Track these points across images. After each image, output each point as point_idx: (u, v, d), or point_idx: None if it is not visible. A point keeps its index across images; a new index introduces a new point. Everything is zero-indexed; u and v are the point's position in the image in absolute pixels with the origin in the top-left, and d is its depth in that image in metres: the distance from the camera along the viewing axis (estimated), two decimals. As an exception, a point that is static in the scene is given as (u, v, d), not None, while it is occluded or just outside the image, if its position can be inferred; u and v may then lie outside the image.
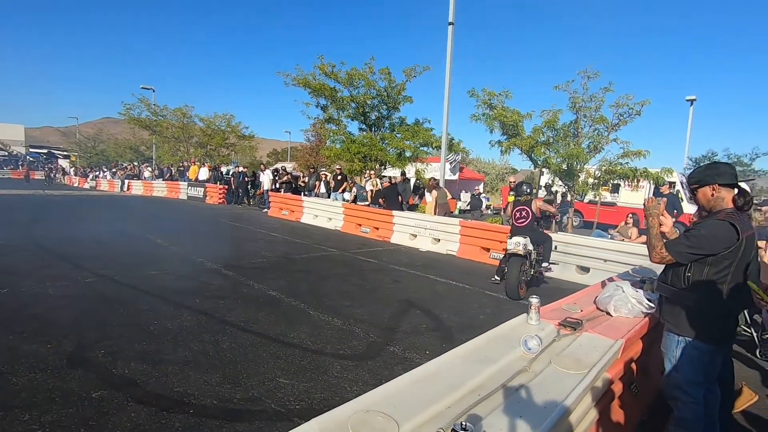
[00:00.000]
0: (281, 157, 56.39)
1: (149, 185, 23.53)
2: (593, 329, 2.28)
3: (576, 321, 2.28)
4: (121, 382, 2.79)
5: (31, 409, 2.43)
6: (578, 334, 2.20)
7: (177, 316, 4.09)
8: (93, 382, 2.78)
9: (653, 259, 2.21)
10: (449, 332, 4.23)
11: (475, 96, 9.72)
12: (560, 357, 1.89)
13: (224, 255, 7.24)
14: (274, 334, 3.82)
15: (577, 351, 1.99)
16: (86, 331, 3.59)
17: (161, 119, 25.35)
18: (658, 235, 2.24)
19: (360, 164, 13.14)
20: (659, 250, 2.17)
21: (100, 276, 5.33)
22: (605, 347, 2.05)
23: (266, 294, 5.09)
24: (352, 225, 11.37)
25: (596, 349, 2.03)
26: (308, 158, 40.44)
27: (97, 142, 43.43)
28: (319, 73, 12.94)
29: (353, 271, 6.85)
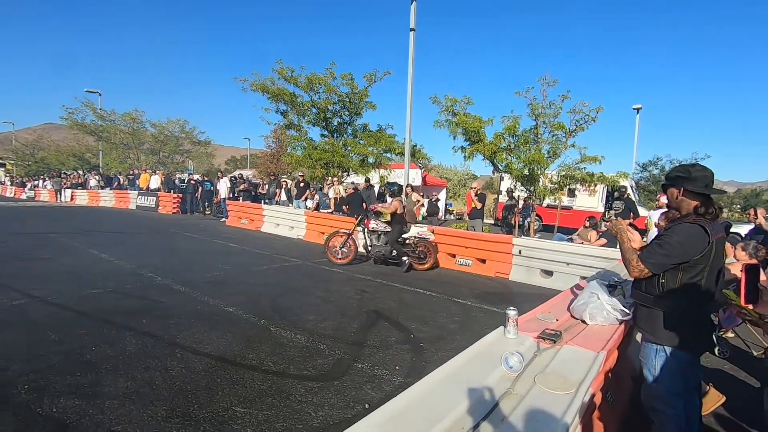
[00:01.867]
0: (240, 165, 54.81)
1: (95, 195, 22.04)
2: (573, 341, 2.18)
3: (555, 333, 2.16)
4: (47, 423, 2.40)
5: (-73, 466, 2.01)
6: (558, 346, 2.09)
7: (119, 340, 3.67)
8: (11, 425, 2.37)
9: (632, 274, 2.16)
10: (418, 344, 4.06)
11: (437, 102, 9.73)
12: (545, 375, 1.75)
13: (177, 269, 6.75)
14: (231, 355, 3.49)
15: (560, 367, 1.86)
16: (8, 363, 3.12)
17: (108, 124, 23.88)
18: (630, 249, 2.19)
19: (322, 171, 12.84)
20: (636, 263, 2.12)
21: (30, 297, 4.75)
22: (588, 360, 1.94)
23: (222, 310, 4.72)
24: (315, 233, 11.04)
25: (579, 363, 1.91)
26: (268, 165, 39.46)
27: (36, 150, 40.35)
28: (278, 77, 12.57)
29: (317, 282, 6.56)
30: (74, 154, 32.56)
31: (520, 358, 1.79)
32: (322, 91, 12.64)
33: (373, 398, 2.95)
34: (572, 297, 3.04)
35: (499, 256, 7.73)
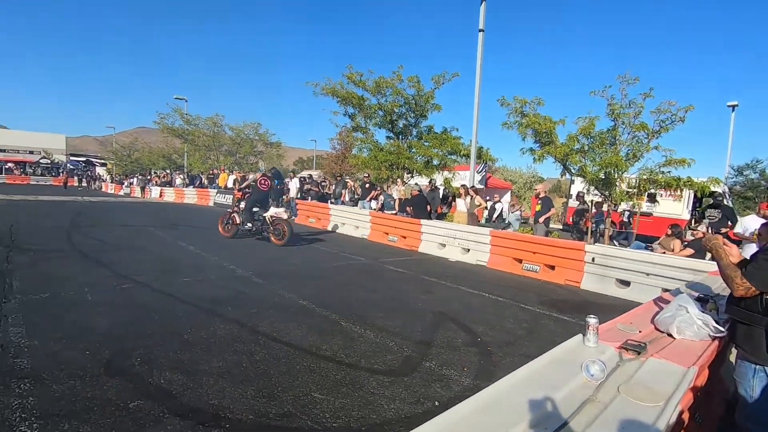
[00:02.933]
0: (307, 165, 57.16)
1: (180, 192, 24.21)
2: (659, 354, 2.09)
3: (639, 344, 2.09)
4: (157, 393, 2.76)
5: (71, 418, 2.41)
6: (643, 358, 2.01)
7: (210, 324, 4.08)
8: (129, 391, 2.76)
9: (737, 293, 2.04)
10: (486, 348, 4.05)
11: (505, 104, 9.51)
12: (629, 386, 1.71)
13: (254, 262, 7.27)
14: (307, 345, 3.74)
15: (646, 378, 1.81)
16: (123, 338, 3.61)
17: (193, 128, 26.12)
18: (730, 265, 2.06)
19: (387, 172, 13.07)
20: (740, 281, 1.99)
21: (137, 283, 5.41)
22: (677, 375, 1.86)
23: (297, 303, 5.04)
24: (379, 233, 11.29)
25: (667, 377, 1.84)
26: (334, 166, 40.84)
27: (132, 151, 45.13)
28: (347, 82, 13.00)
29: (383, 281, 6.74)
30: (163, 155, 35.95)
31: (603, 367, 1.76)
32: (389, 93, 12.87)
33: (443, 397, 3.01)
34: (656, 309, 2.88)
35: (569, 263, 7.41)
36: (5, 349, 3.22)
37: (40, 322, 3.84)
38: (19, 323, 3.75)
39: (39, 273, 5.62)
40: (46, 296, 4.61)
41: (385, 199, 12.41)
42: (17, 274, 5.44)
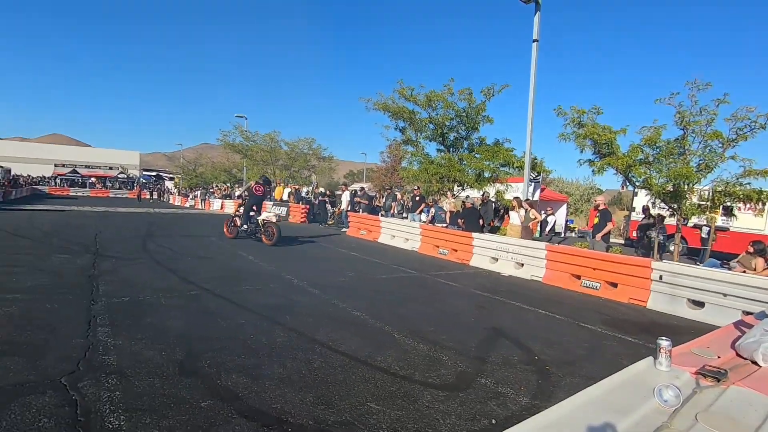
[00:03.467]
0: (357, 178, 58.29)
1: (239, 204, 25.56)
2: (742, 381, 1.93)
3: (719, 370, 1.95)
4: (226, 394, 2.94)
5: (152, 413, 2.64)
6: (723, 386, 1.88)
7: (271, 331, 4.28)
8: (201, 391, 2.96)
9: None
10: (544, 367, 3.91)
11: (562, 114, 9.23)
12: (709, 414, 1.61)
13: (308, 273, 7.53)
14: (362, 356, 3.81)
15: (728, 408, 1.69)
16: (193, 341, 3.88)
17: (252, 144, 27.64)
18: None
19: (438, 185, 13.07)
20: None
21: (203, 289, 5.79)
22: (764, 407, 1.71)
23: (350, 314, 5.15)
24: (429, 246, 11.27)
25: (752, 407, 1.70)
26: (383, 179, 41.41)
27: (196, 166, 48.49)
28: (399, 96, 13.23)
29: (434, 294, 6.73)
30: (224, 169, 38.30)
31: (677, 392, 1.67)
32: (440, 107, 12.94)
33: (499, 415, 2.95)
34: (737, 333, 2.67)
35: (634, 281, 6.98)
36: (95, 347, 3.58)
37: (123, 323, 4.22)
38: (105, 324, 4.15)
39: (120, 278, 6.18)
40: (126, 300, 5.06)
41: (435, 211, 12.39)
42: (102, 279, 6.03)
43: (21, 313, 4.29)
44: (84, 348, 3.52)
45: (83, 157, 61.71)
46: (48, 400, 2.68)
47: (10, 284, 5.36)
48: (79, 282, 5.74)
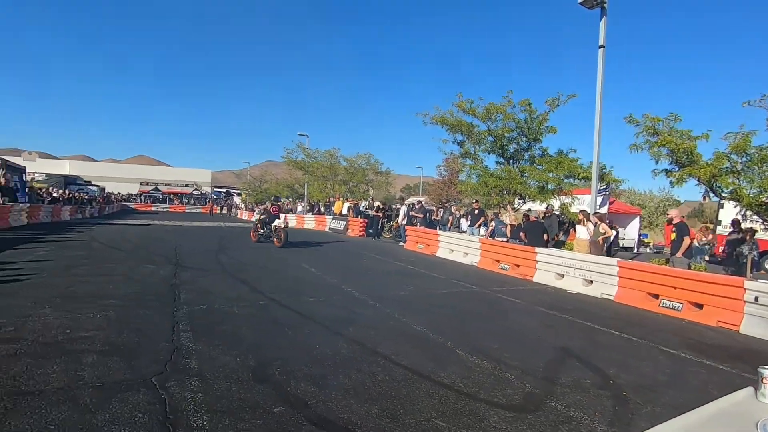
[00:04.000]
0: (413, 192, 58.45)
1: (301, 219, 26.64)
2: None
3: (836, 406, 1.72)
4: (295, 402, 3.07)
5: (230, 415, 2.82)
6: (844, 425, 1.66)
7: (335, 342, 4.40)
8: (273, 397, 3.11)
9: None
10: (620, 392, 3.65)
11: (633, 122, 8.68)
12: (825, 455, 1.43)
13: (369, 286, 7.65)
14: (425, 371, 3.80)
15: None
16: (264, 349, 4.09)
17: (313, 161, 28.81)
18: None
19: (497, 198, 12.77)
20: None
21: (271, 300, 6.10)
22: None
23: (412, 328, 5.15)
24: (489, 261, 11.00)
25: None
26: (440, 192, 41.18)
27: (261, 182, 51.34)
28: (457, 110, 13.20)
29: (497, 310, 6.54)
30: (287, 185, 40.17)
31: (786, 428, 1.50)
32: (500, 119, 12.71)
33: (573, 441, 2.80)
34: None
35: (724, 302, 6.31)
36: (179, 350, 3.89)
37: (201, 329, 4.56)
38: (187, 329, 4.50)
39: (198, 288, 6.68)
40: (204, 307, 5.46)
41: (495, 225, 12.09)
42: (183, 288, 6.55)
43: (118, 317, 4.78)
44: (170, 351, 3.85)
45: (164, 176, 67.88)
46: (142, 397, 2.96)
47: (108, 291, 6.01)
48: (164, 291, 6.29)
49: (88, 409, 2.76)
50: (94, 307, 5.09)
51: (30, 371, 3.26)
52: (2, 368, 3.28)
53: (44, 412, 2.68)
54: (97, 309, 5.03)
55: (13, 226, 15.34)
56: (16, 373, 3.20)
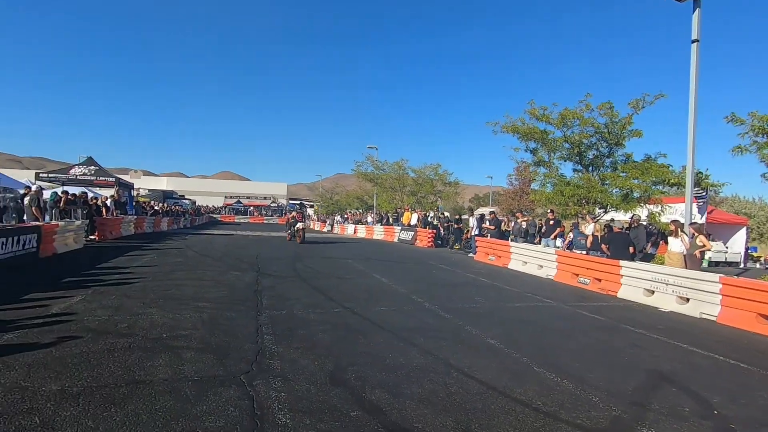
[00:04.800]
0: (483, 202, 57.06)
1: (371, 229, 27.19)
2: None
3: None
4: (371, 407, 3.15)
5: (310, 415, 2.97)
6: None
7: (407, 352, 4.44)
8: (349, 401, 3.22)
9: None
10: (727, 425, 3.25)
11: (737, 122, 7.77)
12: None
13: (439, 297, 7.60)
14: (500, 386, 3.69)
15: None
16: (339, 354, 4.25)
17: (382, 173, 29.40)
18: None
19: (576, 208, 12.06)
20: None
21: (344, 308, 6.31)
22: None
23: (485, 341, 5.03)
24: (567, 274, 10.38)
25: None
26: (511, 202, 39.75)
27: (332, 194, 53.37)
28: (529, 117, 12.76)
29: (577, 326, 6.16)
30: (357, 196, 41.34)
31: None
32: (576, 125, 12.06)
33: (670, 473, 2.55)
34: None
35: None
36: (263, 352, 4.18)
37: (282, 333, 4.85)
38: (269, 332, 4.82)
39: (277, 294, 7.12)
40: (284, 312, 5.81)
41: (574, 236, 11.41)
42: (264, 293, 7.02)
43: (210, 318, 5.26)
44: (255, 352, 4.15)
45: (245, 189, 73.45)
46: (232, 393, 3.23)
47: (202, 294, 6.63)
48: (248, 296, 6.78)
49: (188, 399, 3.07)
50: (191, 309, 5.65)
51: (141, 363, 3.70)
52: (120, 359, 3.76)
53: (153, 400, 3.03)
54: (193, 310, 5.58)
55: (124, 235, 17.49)
56: (130, 364, 3.66)
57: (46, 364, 3.55)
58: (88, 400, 2.96)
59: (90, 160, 22.24)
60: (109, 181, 21.80)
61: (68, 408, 2.84)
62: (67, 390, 3.10)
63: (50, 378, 3.28)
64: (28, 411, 2.77)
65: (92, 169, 21.63)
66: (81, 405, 2.89)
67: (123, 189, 21.80)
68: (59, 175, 21.74)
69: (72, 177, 21.18)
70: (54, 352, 3.82)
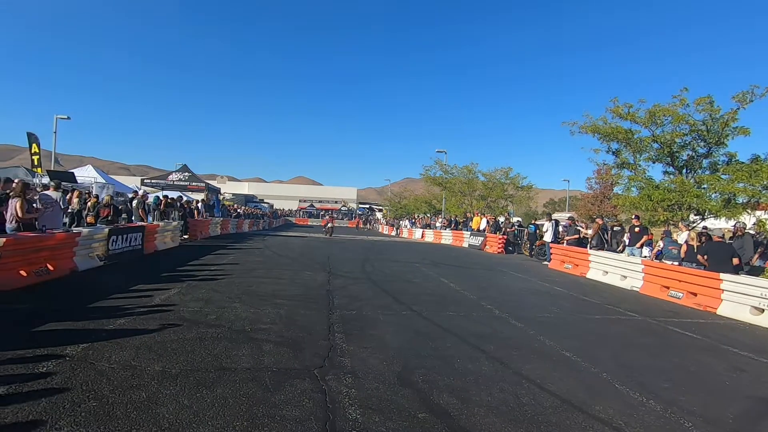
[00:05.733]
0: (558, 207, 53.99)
1: (439, 234, 26.98)
2: None
3: None
4: (438, 411, 3.15)
5: (379, 413, 3.04)
6: None
7: (476, 358, 4.37)
8: (417, 403, 3.25)
9: None
10: None
11: None
12: None
13: (510, 304, 7.35)
14: (576, 401, 3.49)
15: None
16: (408, 356, 4.30)
17: (450, 177, 29.08)
18: None
19: (666, 214, 10.98)
20: None
21: (412, 311, 6.36)
22: None
23: (559, 353, 4.79)
24: (655, 287, 9.49)
25: None
26: (590, 207, 37.13)
27: (401, 198, 53.77)
28: (612, 116, 11.88)
29: (667, 345, 5.62)
30: (425, 201, 41.26)
31: None
32: (668, 122, 11.00)
33: None
34: None
35: None
36: (334, 349, 4.36)
37: (352, 332, 5.02)
38: (340, 331, 5.01)
39: (347, 294, 7.36)
40: (354, 312, 6.00)
41: (665, 245, 10.40)
42: (336, 293, 7.30)
43: (287, 314, 5.60)
44: (327, 348, 4.34)
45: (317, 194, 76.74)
46: (307, 385, 3.42)
47: (279, 292, 7.07)
48: (321, 295, 7.10)
49: (268, 388, 3.31)
50: (270, 305, 6.06)
51: (227, 352, 4.05)
52: (209, 347, 4.15)
53: (238, 386, 3.31)
54: (272, 306, 5.97)
55: (212, 235, 19.16)
56: (218, 352, 4.02)
57: (150, 347, 4.03)
58: (184, 382, 3.31)
59: (185, 167, 24.74)
60: (200, 186, 24.07)
61: (168, 386, 3.20)
62: (167, 371, 3.49)
63: (153, 359, 3.72)
64: (137, 387, 3.17)
65: (186, 176, 24.03)
66: (178, 385, 3.24)
67: (211, 193, 23.91)
68: (159, 181, 24.47)
69: (170, 182, 23.74)
70: (156, 337, 4.32)
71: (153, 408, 2.86)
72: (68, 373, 3.32)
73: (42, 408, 2.76)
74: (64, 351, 3.76)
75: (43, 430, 2.52)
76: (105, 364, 3.56)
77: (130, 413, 2.78)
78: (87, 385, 3.13)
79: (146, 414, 2.78)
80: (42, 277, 6.73)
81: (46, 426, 2.56)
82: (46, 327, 4.47)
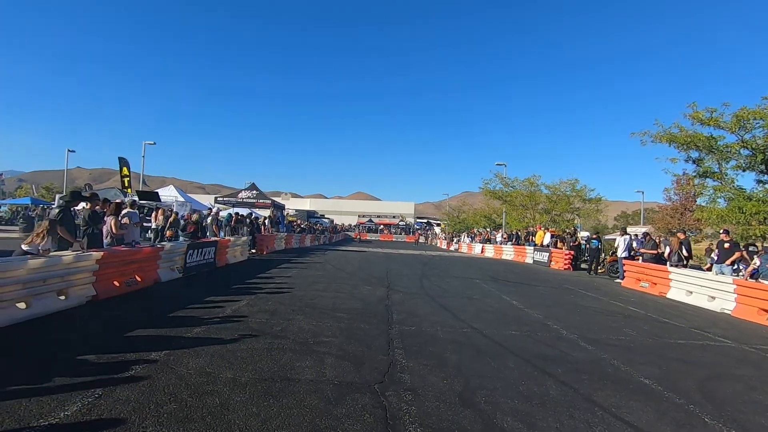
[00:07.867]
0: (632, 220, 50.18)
1: (499, 249, 26.15)
2: None
3: None
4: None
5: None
6: None
7: (542, 382, 4.15)
8: (479, 425, 3.15)
9: None
10: None
11: None
12: None
13: (579, 325, 6.92)
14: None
15: None
16: (469, 375, 4.19)
17: (511, 190, 28.21)
18: None
19: (762, 228, 9.80)
20: None
21: (473, 328, 6.20)
22: None
23: (637, 380, 4.41)
24: (751, 310, 8.46)
25: None
26: (669, 221, 34.09)
27: (459, 212, 52.98)
28: (691, 122, 10.94)
29: (767, 376, 4.96)
30: (485, 215, 40.30)
31: None
32: (759, 126, 9.91)
33: None
34: None
35: None
36: (394, 364, 4.37)
37: (411, 348, 4.99)
38: (399, 347, 5.01)
39: (406, 309, 7.35)
40: (413, 328, 5.97)
41: (762, 262, 9.27)
42: (394, 308, 7.32)
43: (347, 328, 5.71)
44: (387, 364, 4.36)
45: (376, 209, 77.92)
46: (368, 400, 3.45)
47: (339, 305, 7.24)
48: (379, 310, 7.16)
49: (330, 401, 3.38)
50: (330, 318, 6.22)
51: (292, 363, 4.21)
52: (275, 357, 4.34)
53: (301, 397, 3.42)
54: (333, 320, 6.13)
55: (277, 250, 20.11)
56: (283, 363, 4.19)
57: (223, 355, 4.30)
58: (253, 390, 3.49)
59: (253, 185, 26.39)
60: (266, 203, 25.51)
61: (239, 394, 3.39)
62: (238, 379, 3.70)
63: (225, 367, 3.97)
64: (211, 393, 3.39)
65: (254, 193, 25.60)
66: (248, 393, 3.42)
67: (276, 210, 25.20)
68: (230, 199, 26.28)
69: (240, 200, 25.40)
70: (228, 346, 4.60)
71: (225, 414, 3.04)
72: (153, 377, 3.63)
73: (131, 407, 3.05)
74: (149, 356, 4.13)
75: (132, 428, 2.77)
76: (183, 369, 3.85)
77: (205, 417, 2.97)
78: (168, 389, 3.40)
79: (219, 419, 2.96)
80: (131, 287, 7.47)
81: (135, 424, 2.82)
82: (135, 333, 4.94)
